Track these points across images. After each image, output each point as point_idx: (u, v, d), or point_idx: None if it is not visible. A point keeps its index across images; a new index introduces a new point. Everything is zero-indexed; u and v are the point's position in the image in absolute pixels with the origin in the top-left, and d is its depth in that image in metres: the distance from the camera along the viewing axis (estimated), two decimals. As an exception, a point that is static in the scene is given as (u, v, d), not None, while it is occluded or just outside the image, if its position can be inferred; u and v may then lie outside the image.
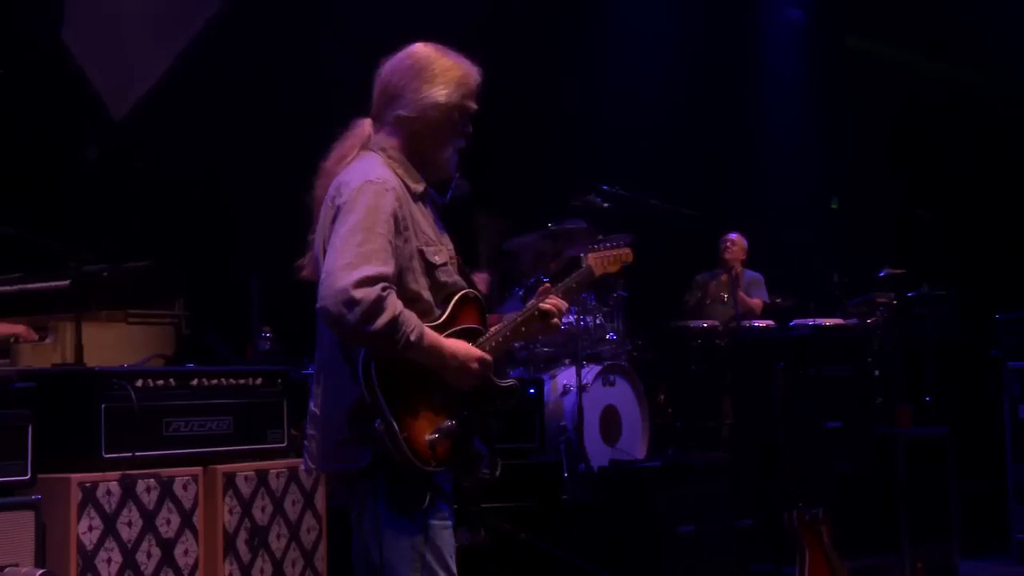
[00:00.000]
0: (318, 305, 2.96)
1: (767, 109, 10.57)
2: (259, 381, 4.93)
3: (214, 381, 4.77)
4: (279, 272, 3.37)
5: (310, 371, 6.50)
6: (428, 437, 3.03)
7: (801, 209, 10.20)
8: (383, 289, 2.92)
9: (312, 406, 3.22)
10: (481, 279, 9.00)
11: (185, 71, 7.68)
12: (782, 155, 10.42)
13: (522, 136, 9.57)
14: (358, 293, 2.89)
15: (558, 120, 9.75)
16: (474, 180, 6.82)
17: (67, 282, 5.32)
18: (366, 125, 3.27)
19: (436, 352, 3.06)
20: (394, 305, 2.95)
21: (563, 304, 3.47)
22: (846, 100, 10.31)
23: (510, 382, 3.30)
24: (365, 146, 3.23)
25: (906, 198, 9.49)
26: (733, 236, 9.14)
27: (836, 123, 10.33)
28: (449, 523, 3.16)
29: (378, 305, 2.91)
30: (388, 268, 2.98)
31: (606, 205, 7.58)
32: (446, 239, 3.33)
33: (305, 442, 3.26)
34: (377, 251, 2.97)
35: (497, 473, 3.29)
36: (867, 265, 8.43)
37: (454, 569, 3.15)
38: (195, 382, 4.71)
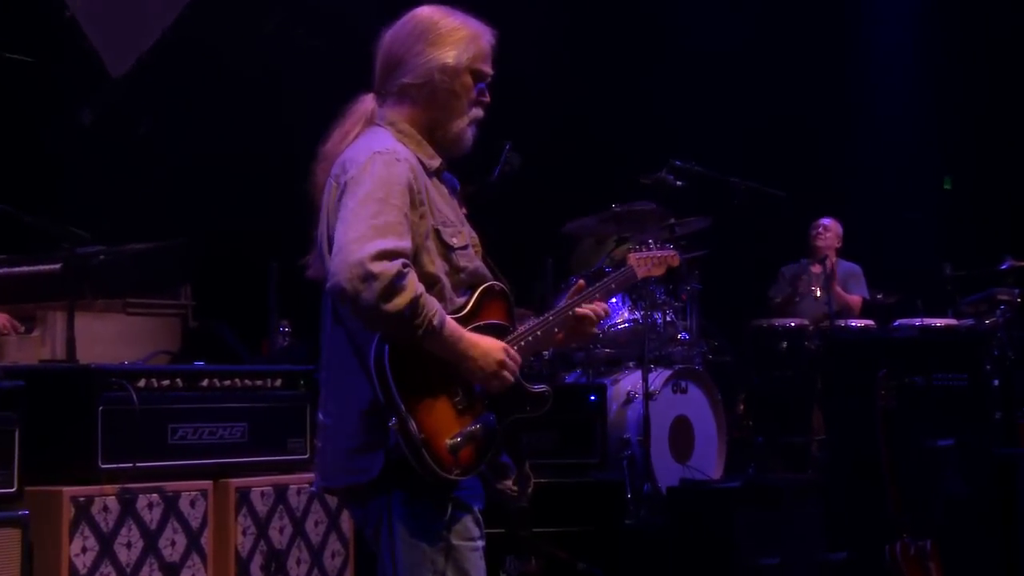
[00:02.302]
0: (329, 284, 2.97)
1: (869, 72, 10.46)
2: (278, 382, 4.96)
3: (226, 382, 4.80)
4: (302, 256, 3.37)
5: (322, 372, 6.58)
6: (449, 441, 3.04)
7: (907, 189, 10.11)
8: (403, 265, 2.96)
9: (320, 416, 3.24)
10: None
11: (194, 24, 7.72)
12: (886, 126, 10.31)
13: (583, 104, 9.56)
14: (375, 267, 2.92)
15: (625, 87, 9.71)
16: (527, 154, 6.86)
17: (58, 266, 5.37)
18: (368, 100, 3.31)
19: (456, 342, 3.08)
20: (415, 284, 2.97)
21: (600, 309, 3.46)
22: (962, 61, 10.18)
23: (541, 387, 3.31)
24: (370, 122, 3.27)
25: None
26: (827, 221, 9.07)
27: (950, 88, 10.21)
28: (478, 544, 3.16)
29: (398, 282, 2.93)
30: (406, 243, 3.02)
31: (679, 183, 7.54)
32: (467, 225, 3.34)
33: (316, 461, 3.30)
34: (393, 224, 3.01)
35: (529, 491, 3.30)
36: (985, 256, 8.32)
37: None
38: (205, 383, 4.74)
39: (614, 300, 7.40)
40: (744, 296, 8.94)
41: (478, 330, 3.17)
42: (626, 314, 7.56)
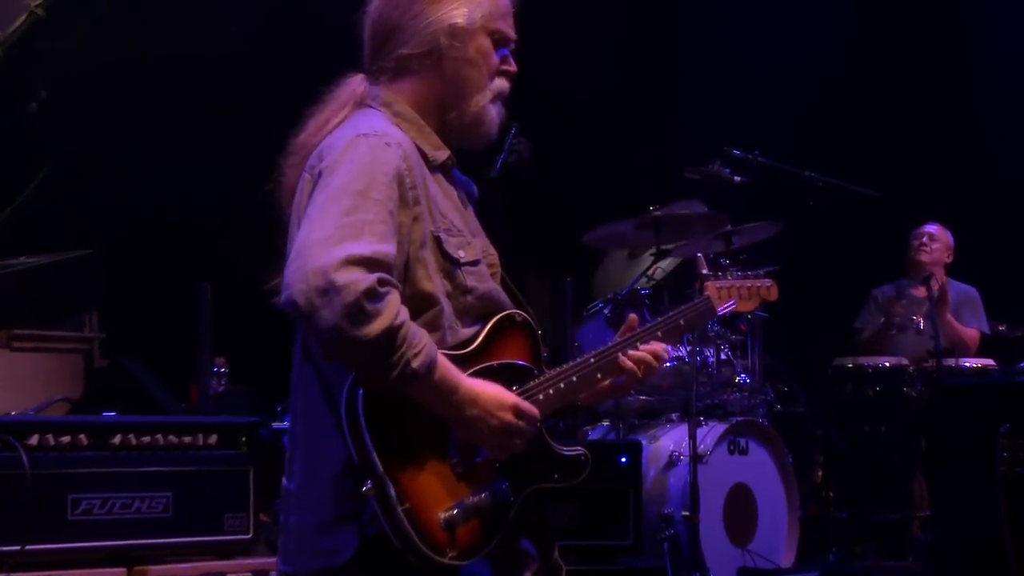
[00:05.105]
0: (283, 296, 2.95)
1: (988, 34, 10.49)
2: (212, 439, 4.99)
3: (145, 439, 4.82)
4: (241, 276, 3.41)
5: (288, 424, 6.60)
6: (443, 514, 3.04)
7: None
8: (380, 281, 2.92)
9: (284, 480, 3.26)
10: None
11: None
12: (1011, 103, 10.34)
13: (612, 78, 9.59)
14: (340, 277, 2.88)
15: (665, 55, 9.75)
16: (540, 141, 6.91)
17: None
18: (356, 82, 3.34)
19: (449, 393, 3.06)
20: (394, 308, 2.93)
21: (649, 360, 3.46)
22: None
23: (576, 450, 3.30)
24: (359, 105, 3.30)
25: None
26: (932, 228, 9.09)
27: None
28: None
29: (370, 301, 2.89)
30: (387, 247, 3.00)
31: (737, 179, 7.58)
32: (482, 237, 3.36)
33: (280, 539, 3.30)
34: (371, 223, 2.99)
35: None
36: None
37: None
38: (116, 440, 4.76)
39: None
40: (823, 327, 8.97)
41: (489, 373, 3.17)
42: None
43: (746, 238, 7.56)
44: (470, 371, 3.13)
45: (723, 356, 7.66)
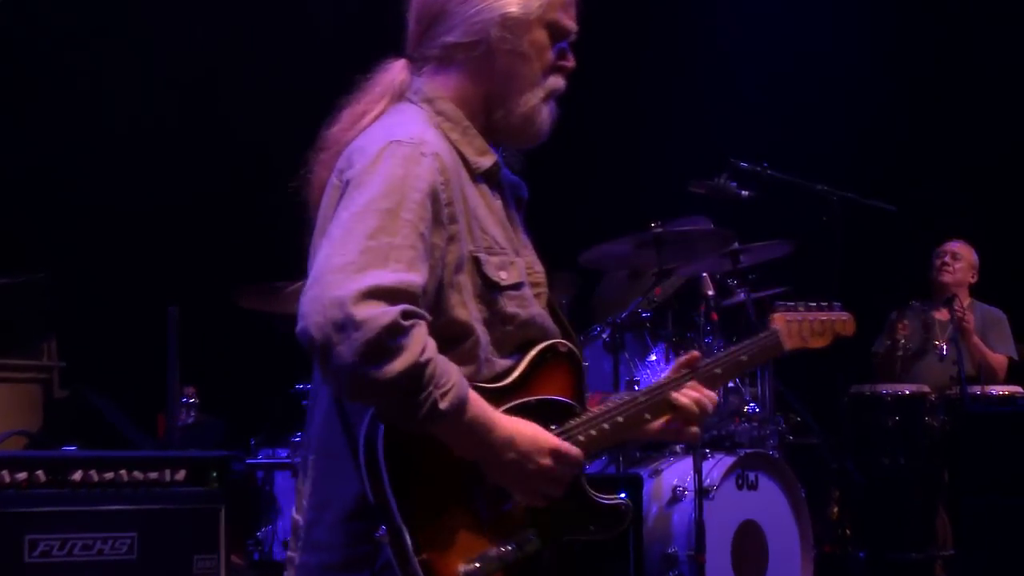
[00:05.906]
0: (297, 326, 2.86)
1: (1012, 32, 10.51)
2: (180, 475, 4.97)
3: (108, 475, 4.81)
4: (212, 299, 3.39)
5: (262, 459, 6.60)
6: (464, 567, 3.00)
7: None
8: (404, 314, 2.84)
9: (294, 512, 3.22)
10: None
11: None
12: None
13: (615, 90, 9.60)
14: (361, 311, 2.81)
15: (672, 65, 9.76)
16: (533, 154, 6.91)
17: None
18: (397, 68, 3.28)
19: (485, 432, 3.00)
20: (419, 343, 2.86)
21: (704, 401, 3.40)
22: None
23: (616, 499, 3.26)
24: (398, 97, 3.25)
25: None
26: (956, 246, 9.09)
27: None
28: None
29: (391, 338, 2.81)
30: (416, 277, 2.92)
31: (745, 193, 7.57)
32: (528, 251, 3.31)
33: (285, 574, 3.24)
34: (400, 248, 2.92)
35: None
36: None
37: None
38: (77, 476, 4.75)
39: (653, 357, 7.43)
40: (838, 352, 8.92)
41: (525, 409, 3.12)
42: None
43: (755, 256, 7.56)
44: (505, 407, 3.08)
45: (730, 384, 7.65)
